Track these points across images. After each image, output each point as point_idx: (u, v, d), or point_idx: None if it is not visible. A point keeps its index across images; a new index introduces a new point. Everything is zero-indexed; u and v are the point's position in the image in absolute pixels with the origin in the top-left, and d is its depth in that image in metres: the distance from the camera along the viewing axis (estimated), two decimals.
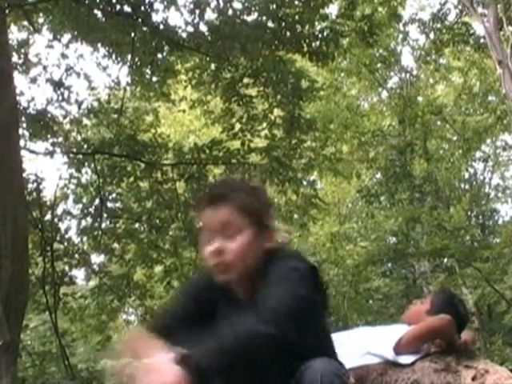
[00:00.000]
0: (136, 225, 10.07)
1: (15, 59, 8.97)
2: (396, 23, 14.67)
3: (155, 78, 9.75)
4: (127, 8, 8.45)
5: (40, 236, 8.85)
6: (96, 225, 9.67)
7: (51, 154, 9.43)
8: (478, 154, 17.80)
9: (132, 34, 8.65)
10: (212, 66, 9.67)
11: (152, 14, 8.49)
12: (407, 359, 2.57)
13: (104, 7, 8.34)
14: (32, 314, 10.24)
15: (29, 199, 8.41)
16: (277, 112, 9.81)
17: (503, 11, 12.73)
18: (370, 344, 2.63)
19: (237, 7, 8.85)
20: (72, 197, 10.00)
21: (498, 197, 18.84)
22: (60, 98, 9.35)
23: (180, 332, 1.81)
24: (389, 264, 14.56)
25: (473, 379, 2.49)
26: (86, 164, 9.68)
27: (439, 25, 14.29)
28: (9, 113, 6.66)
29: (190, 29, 8.83)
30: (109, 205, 9.91)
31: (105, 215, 9.74)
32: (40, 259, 9.01)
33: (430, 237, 13.07)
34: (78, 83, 13.77)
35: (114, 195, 10.04)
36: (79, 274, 14.32)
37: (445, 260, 13.92)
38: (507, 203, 18.97)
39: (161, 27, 8.63)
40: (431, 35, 15.01)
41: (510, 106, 12.73)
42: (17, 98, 7.79)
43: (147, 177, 9.34)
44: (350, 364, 2.47)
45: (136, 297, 10.25)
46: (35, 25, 9.29)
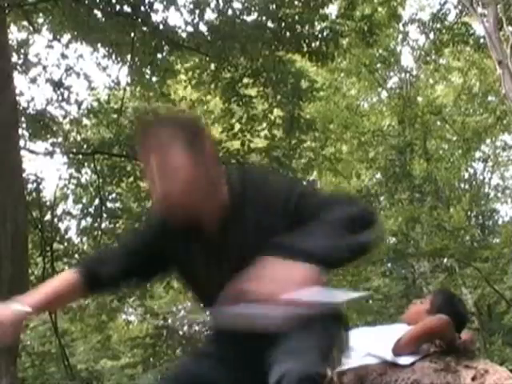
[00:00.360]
0: (136, 225, 10.06)
1: (15, 59, 8.94)
2: (396, 23, 14.65)
3: (155, 78, 9.74)
4: (127, 8, 8.45)
5: (40, 236, 8.84)
6: (96, 225, 9.67)
7: (51, 154, 9.43)
8: (478, 154, 17.77)
9: (132, 34, 8.65)
10: (212, 66, 9.67)
11: (152, 14, 8.50)
12: (406, 360, 2.57)
13: (104, 7, 8.35)
14: None
15: (29, 199, 8.40)
16: (276, 112, 9.82)
17: (503, 11, 12.70)
18: (370, 345, 2.63)
19: (237, 7, 8.87)
20: (72, 197, 10.02)
21: (498, 197, 18.78)
22: (60, 98, 9.34)
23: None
24: (388, 264, 14.53)
25: (472, 379, 2.49)
26: (86, 164, 9.68)
27: (439, 25, 14.26)
28: (9, 113, 6.65)
29: (190, 29, 8.85)
30: (109, 205, 9.90)
31: (105, 215, 9.73)
32: (40, 259, 9.00)
33: (430, 237, 13.05)
34: (78, 83, 13.76)
35: (114, 195, 10.04)
36: None
37: (444, 260, 13.88)
38: (507, 203, 18.91)
39: (160, 27, 8.62)
40: (431, 35, 14.97)
41: (510, 106, 12.69)
42: (17, 98, 7.76)
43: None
44: (350, 364, 2.48)
45: (136, 297, 10.24)
46: (35, 25, 9.29)
